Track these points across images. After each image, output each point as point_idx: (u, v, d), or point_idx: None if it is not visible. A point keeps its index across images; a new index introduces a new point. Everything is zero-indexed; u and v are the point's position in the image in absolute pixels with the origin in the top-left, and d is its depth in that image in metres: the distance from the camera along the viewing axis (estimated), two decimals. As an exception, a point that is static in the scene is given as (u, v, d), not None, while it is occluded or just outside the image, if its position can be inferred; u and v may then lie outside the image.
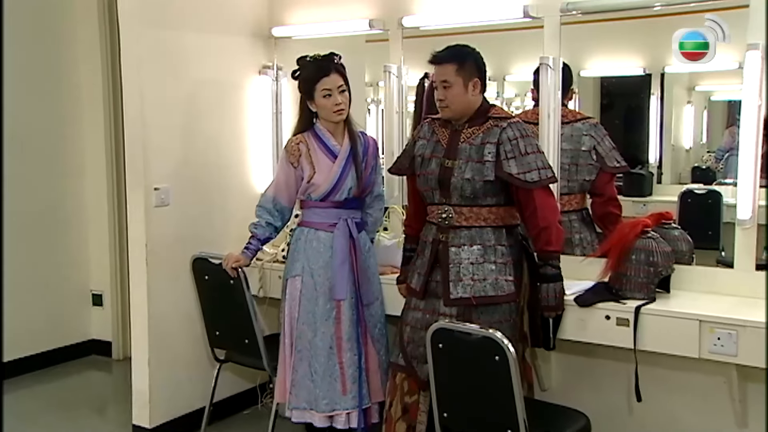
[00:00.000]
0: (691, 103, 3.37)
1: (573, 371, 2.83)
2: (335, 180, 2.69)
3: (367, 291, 2.74)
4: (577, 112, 3.05)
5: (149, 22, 3.05)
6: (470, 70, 2.38)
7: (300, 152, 2.71)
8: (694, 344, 2.29)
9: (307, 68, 2.69)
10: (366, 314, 2.74)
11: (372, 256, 2.82)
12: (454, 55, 2.39)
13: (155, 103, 3.07)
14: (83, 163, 4.25)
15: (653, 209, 2.83)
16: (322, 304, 2.70)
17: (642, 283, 2.42)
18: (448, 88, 2.39)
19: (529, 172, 2.35)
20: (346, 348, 2.68)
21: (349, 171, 2.71)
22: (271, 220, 2.78)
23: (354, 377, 2.68)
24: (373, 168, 2.80)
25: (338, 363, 2.68)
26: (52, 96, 4.10)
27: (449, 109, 2.42)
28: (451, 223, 2.42)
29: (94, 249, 4.29)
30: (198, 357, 3.26)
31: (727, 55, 2.60)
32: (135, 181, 3.09)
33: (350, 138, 2.73)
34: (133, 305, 3.18)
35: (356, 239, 2.72)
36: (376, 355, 2.76)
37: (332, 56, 2.70)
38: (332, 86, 2.64)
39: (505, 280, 2.40)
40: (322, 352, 2.68)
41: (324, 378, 2.68)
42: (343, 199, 2.71)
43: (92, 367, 4.20)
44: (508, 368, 2.07)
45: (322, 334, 2.69)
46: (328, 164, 2.70)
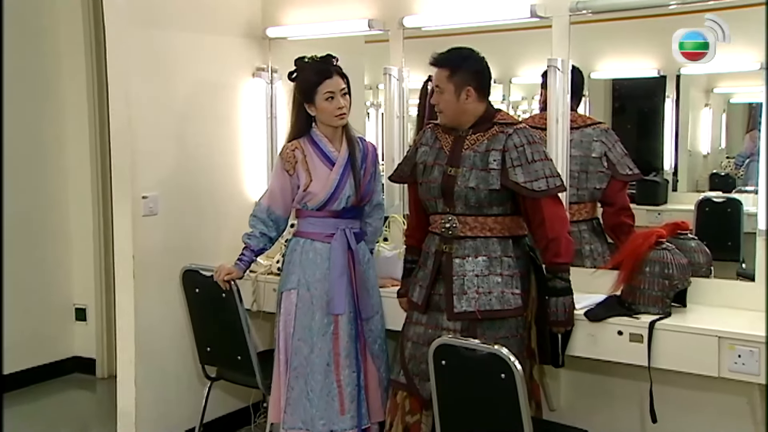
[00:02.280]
0: (709, 106, 3.40)
1: (583, 390, 2.85)
2: (333, 188, 2.72)
3: (367, 305, 2.76)
4: (587, 116, 3.08)
5: (137, 20, 3.08)
6: (463, 77, 2.41)
7: (296, 159, 2.74)
8: (713, 362, 2.29)
9: (308, 70, 2.72)
10: (365, 329, 2.76)
11: (371, 267, 2.85)
12: (449, 60, 2.42)
13: (143, 107, 3.10)
14: (66, 169, 4.26)
15: (668, 219, 2.85)
16: (318, 319, 2.72)
17: (656, 297, 2.45)
18: (440, 93, 2.44)
19: (537, 180, 2.38)
20: (344, 365, 2.71)
21: (348, 179, 2.73)
22: (266, 230, 2.81)
23: (352, 396, 2.70)
24: (372, 175, 2.83)
25: (336, 381, 2.70)
26: (32, 98, 4.11)
27: (443, 114, 2.47)
28: (455, 234, 2.46)
29: (77, 260, 4.31)
30: (187, 374, 3.29)
31: (748, 56, 2.64)
32: (122, 189, 3.11)
33: (348, 144, 2.75)
34: (118, 320, 3.20)
35: (355, 250, 2.75)
36: (376, 372, 2.78)
37: (330, 58, 2.74)
38: (335, 89, 2.67)
39: (512, 293, 2.43)
40: (318, 369, 2.70)
41: (321, 397, 2.70)
42: (340, 208, 2.74)
43: (75, 386, 4.21)
44: (515, 386, 2.09)
45: (319, 350, 2.71)
46: (326, 172, 2.73)
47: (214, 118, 3.41)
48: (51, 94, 4.19)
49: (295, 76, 2.76)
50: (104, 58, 3.36)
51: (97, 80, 4.16)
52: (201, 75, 3.33)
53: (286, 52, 3.31)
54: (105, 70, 3.31)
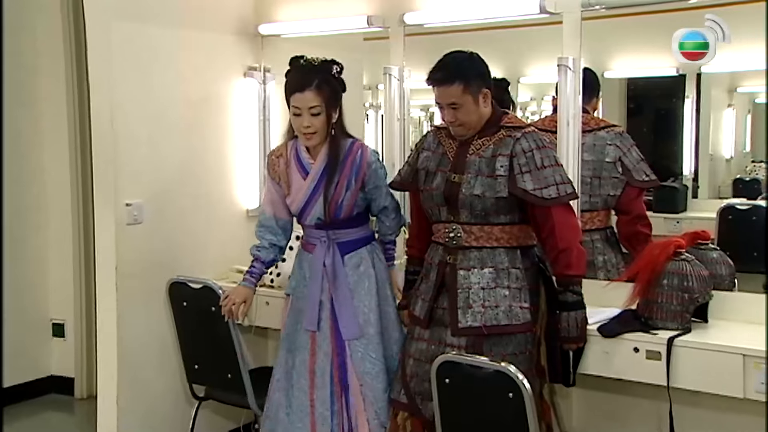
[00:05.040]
0: (733, 107, 3.42)
1: (597, 411, 2.88)
2: (304, 201, 2.71)
3: (349, 324, 2.70)
4: (601, 119, 3.12)
5: (120, 15, 3.10)
6: (477, 83, 2.43)
7: (278, 167, 2.77)
8: (738, 382, 2.30)
9: (288, 75, 2.67)
10: (351, 346, 2.69)
11: (365, 283, 2.73)
12: (457, 73, 2.41)
13: (127, 108, 3.13)
14: (43, 173, 4.27)
15: (688, 227, 2.90)
16: (301, 331, 2.76)
17: (675, 312, 2.47)
18: (458, 108, 2.43)
19: (547, 187, 2.40)
20: (319, 384, 2.71)
21: (318, 197, 2.68)
22: (275, 239, 2.82)
23: (324, 418, 2.69)
24: (350, 186, 2.67)
25: (309, 400, 2.72)
26: (6, 97, 4.03)
27: (463, 128, 2.47)
28: (460, 244, 2.49)
29: (55, 272, 4.32)
30: (174, 394, 3.31)
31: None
32: (104, 196, 3.14)
33: (329, 155, 2.66)
34: (100, 336, 3.22)
35: (336, 264, 2.70)
36: (360, 394, 2.69)
37: (326, 66, 2.64)
38: (302, 106, 2.58)
39: (520, 307, 2.45)
40: (297, 385, 2.73)
41: (296, 413, 2.73)
42: (313, 224, 2.72)
43: (51, 408, 4.22)
44: (524, 407, 2.12)
45: (299, 364, 2.74)
46: (300, 182, 2.72)
47: (204, 120, 3.44)
48: (27, 94, 4.19)
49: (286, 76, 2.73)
50: (85, 55, 3.37)
51: (77, 79, 4.17)
52: (189, 74, 3.36)
53: (280, 50, 3.34)
54: (86, 69, 3.32)
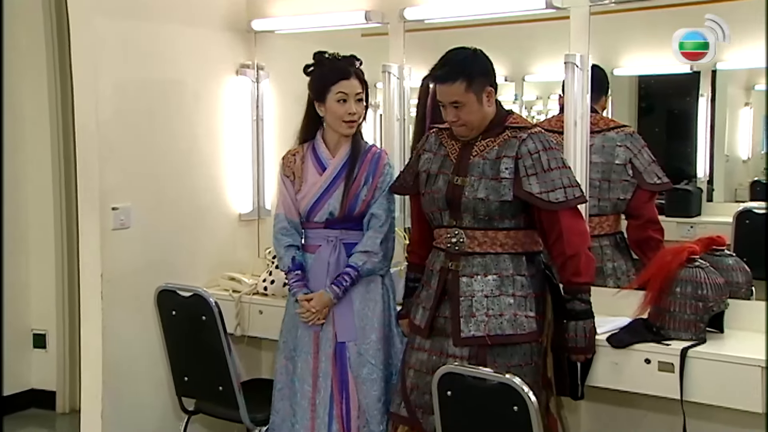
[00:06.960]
0: (750, 105, 3.42)
1: (606, 424, 2.90)
2: (317, 196, 2.78)
3: (346, 327, 2.78)
4: (610, 119, 3.14)
5: (104, 10, 3.12)
6: (480, 81, 2.45)
7: (294, 163, 2.84)
8: (756, 395, 2.30)
9: (325, 66, 2.78)
10: (350, 350, 2.77)
11: (369, 286, 2.81)
12: (460, 70, 2.44)
13: (113, 107, 3.15)
14: (24, 175, 4.29)
15: (702, 232, 2.92)
16: (302, 332, 2.80)
17: (689, 321, 2.49)
18: (460, 108, 2.46)
19: (554, 191, 2.43)
20: (321, 386, 2.77)
21: (336, 189, 2.78)
22: (291, 240, 2.85)
23: (324, 424, 2.76)
24: (365, 185, 2.78)
25: (311, 405, 2.76)
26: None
27: (466, 128, 2.50)
28: (462, 249, 2.51)
29: (36, 280, 4.33)
30: (162, 407, 3.34)
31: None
32: (89, 199, 3.15)
33: (352, 152, 2.79)
34: (83, 347, 3.23)
35: (340, 263, 2.78)
36: (356, 400, 2.76)
37: (353, 59, 2.79)
38: (350, 91, 2.73)
39: (526, 316, 2.48)
40: (302, 392, 2.78)
41: (300, 421, 2.78)
42: (323, 220, 2.80)
43: (31, 423, 4.23)
44: (529, 420, 2.14)
45: (302, 370, 2.79)
46: (315, 177, 2.81)
47: (194, 120, 3.46)
48: (6, 94, 4.16)
49: (311, 71, 2.82)
50: (68, 51, 3.38)
51: (60, 76, 4.19)
52: (179, 72, 3.39)
53: (274, 46, 3.37)
54: (69, 65, 3.33)
